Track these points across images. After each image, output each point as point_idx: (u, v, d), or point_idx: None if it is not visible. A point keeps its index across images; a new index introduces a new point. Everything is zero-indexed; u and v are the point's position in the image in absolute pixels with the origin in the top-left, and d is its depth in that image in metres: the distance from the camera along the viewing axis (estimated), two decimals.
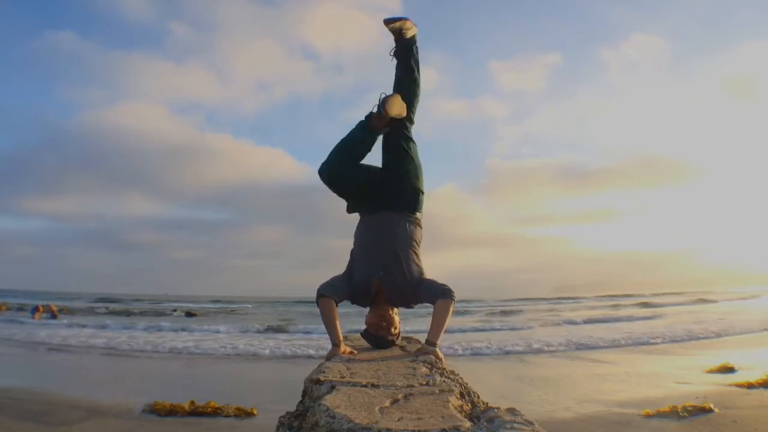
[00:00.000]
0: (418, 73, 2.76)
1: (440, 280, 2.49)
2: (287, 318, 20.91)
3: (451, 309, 2.39)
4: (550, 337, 12.06)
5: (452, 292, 2.40)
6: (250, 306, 33.12)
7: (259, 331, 14.75)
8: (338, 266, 2.59)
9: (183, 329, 14.85)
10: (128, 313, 23.16)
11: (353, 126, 2.60)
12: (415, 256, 2.53)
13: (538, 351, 10.07)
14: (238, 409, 5.22)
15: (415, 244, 2.55)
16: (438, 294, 2.40)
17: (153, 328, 14.89)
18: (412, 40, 2.76)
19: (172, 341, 11.78)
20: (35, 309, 19.11)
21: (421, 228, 2.61)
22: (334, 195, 2.66)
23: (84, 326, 15.21)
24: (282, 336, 13.45)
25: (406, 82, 2.73)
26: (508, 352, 9.93)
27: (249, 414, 5.14)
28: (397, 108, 2.54)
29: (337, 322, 2.37)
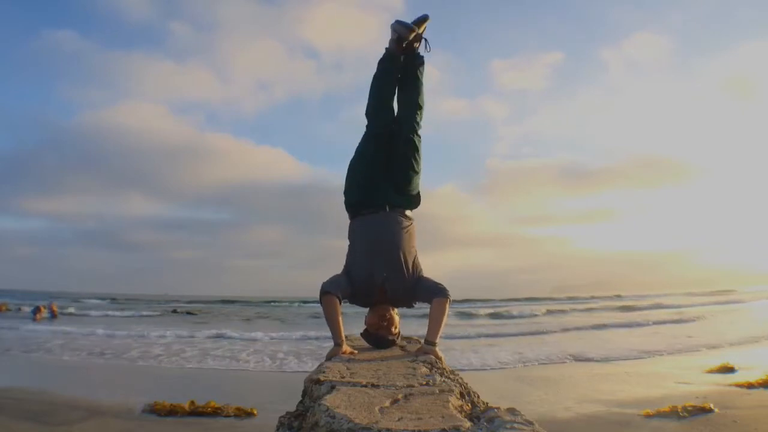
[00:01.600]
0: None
1: (440, 280, 2.50)
2: (287, 318, 20.91)
3: (447, 307, 2.41)
4: (583, 348, 9.93)
5: (447, 290, 2.42)
6: (250, 306, 33.10)
7: (259, 331, 14.74)
8: (339, 266, 2.60)
9: (183, 329, 14.84)
10: (128, 313, 23.16)
11: (362, 135, 2.74)
12: (414, 254, 2.55)
13: (579, 361, 8.44)
14: (238, 409, 5.22)
15: (412, 242, 2.57)
16: (434, 293, 2.41)
17: (153, 328, 14.89)
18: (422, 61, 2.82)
19: (172, 341, 11.78)
20: (36, 310, 19.08)
21: (413, 224, 2.64)
22: (335, 195, 2.69)
23: (84, 326, 15.19)
24: (281, 336, 13.44)
25: (416, 86, 2.79)
26: (529, 362, 8.40)
27: (249, 414, 5.13)
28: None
29: (341, 321, 2.37)
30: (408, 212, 2.65)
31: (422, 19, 2.72)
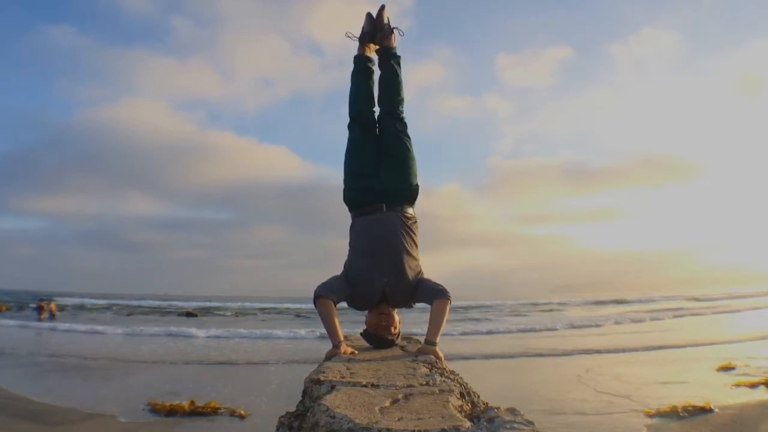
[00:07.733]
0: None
1: (443, 280, 2.49)
2: (287, 318, 20.91)
3: (448, 309, 2.40)
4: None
5: (448, 292, 2.41)
6: (251, 306, 33.09)
7: (259, 331, 14.74)
8: (340, 266, 2.58)
9: (183, 329, 14.84)
10: (128, 314, 23.17)
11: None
12: (414, 257, 2.53)
13: None
14: (237, 409, 5.22)
15: (414, 244, 2.55)
16: (435, 294, 2.41)
17: (153, 329, 14.89)
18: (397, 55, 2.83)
19: (172, 341, 11.79)
20: (39, 309, 19.05)
21: (416, 223, 2.60)
22: (338, 194, 2.66)
23: (83, 327, 15.20)
24: (282, 335, 13.44)
25: (390, 77, 2.81)
26: None
27: (248, 414, 5.13)
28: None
29: (337, 322, 2.36)
30: (410, 210, 2.59)
31: (379, 10, 2.79)
